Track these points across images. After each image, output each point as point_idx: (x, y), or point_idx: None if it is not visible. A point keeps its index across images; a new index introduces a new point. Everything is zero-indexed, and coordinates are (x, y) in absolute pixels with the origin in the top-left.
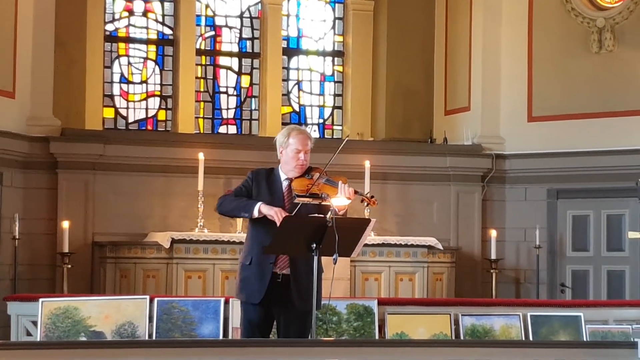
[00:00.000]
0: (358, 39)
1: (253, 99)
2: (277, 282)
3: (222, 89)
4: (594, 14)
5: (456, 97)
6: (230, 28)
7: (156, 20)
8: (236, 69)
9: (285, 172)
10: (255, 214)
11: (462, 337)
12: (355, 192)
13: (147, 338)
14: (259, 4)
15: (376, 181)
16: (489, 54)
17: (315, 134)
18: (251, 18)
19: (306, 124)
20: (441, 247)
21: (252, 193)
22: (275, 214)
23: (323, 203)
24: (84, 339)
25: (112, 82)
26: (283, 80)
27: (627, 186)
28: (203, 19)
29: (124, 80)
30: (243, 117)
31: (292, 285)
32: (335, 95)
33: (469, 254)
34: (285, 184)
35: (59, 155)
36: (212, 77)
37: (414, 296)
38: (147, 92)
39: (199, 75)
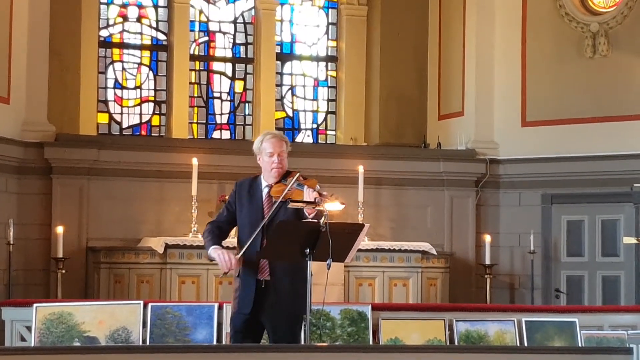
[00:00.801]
0: (351, 44)
1: (247, 104)
2: (261, 289)
3: (216, 94)
4: (588, 18)
5: (450, 102)
6: (224, 33)
7: (150, 26)
8: (230, 74)
9: (266, 178)
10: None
11: (456, 343)
12: (320, 195)
13: (140, 343)
14: (253, 10)
15: (370, 186)
16: (483, 59)
17: (308, 139)
18: (245, 23)
19: (300, 129)
20: (435, 253)
21: (234, 209)
22: (218, 258)
23: (317, 208)
24: (78, 344)
25: (106, 88)
26: (277, 85)
27: (622, 191)
28: (197, 24)
29: (118, 85)
30: (237, 122)
31: (272, 291)
32: (328, 100)
33: (463, 259)
34: (265, 191)
35: (54, 161)
36: (205, 83)
37: (408, 301)
38: (141, 97)
39: (193, 81)
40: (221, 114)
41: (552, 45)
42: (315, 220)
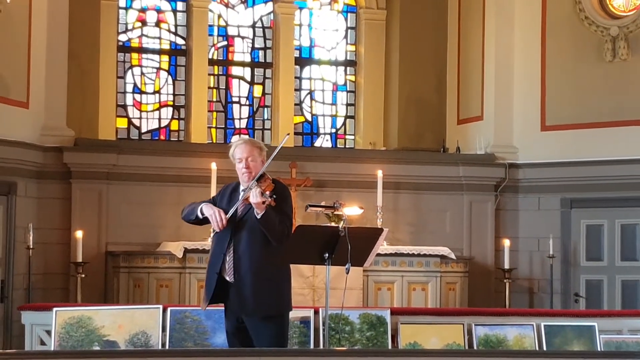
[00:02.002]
0: (370, 49)
1: (265, 109)
2: (231, 290)
3: (235, 99)
4: (608, 22)
5: (469, 106)
6: (243, 38)
7: (169, 31)
8: (249, 78)
9: (242, 183)
10: (199, 214)
11: (475, 347)
12: (262, 195)
13: (160, 347)
14: (272, 14)
15: (389, 191)
16: (502, 63)
17: (327, 143)
18: (263, 28)
19: (318, 134)
20: (454, 257)
21: (216, 204)
22: (213, 214)
23: (335, 213)
24: (97, 348)
25: (125, 92)
26: (295, 89)
27: None
28: (215, 29)
29: (136, 90)
30: (255, 127)
31: (236, 293)
32: (347, 104)
33: (482, 264)
34: (242, 194)
35: (73, 165)
36: (224, 87)
37: (426, 306)
38: (160, 102)
39: (212, 85)
40: (240, 119)
41: (572, 49)
42: (335, 225)
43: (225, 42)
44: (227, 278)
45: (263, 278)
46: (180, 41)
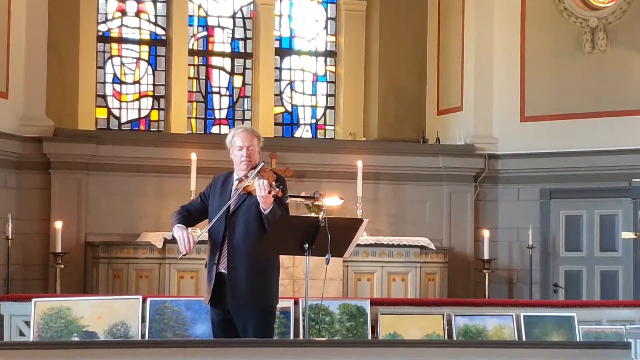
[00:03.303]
0: (350, 39)
1: (245, 99)
2: (224, 282)
3: (215, 89)
4: (587, 13)
5: (449, 97)
6: (223, 28)
7: (149, 21)
8: (229, 69)
9: (237, 172)
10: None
11: (454, 338)
12: (270, 186)
13: (139, 338)
14: (252, 4)
15: (369, 181)
16: (482, 54)
17: (307, 134)
18: (243, 18)
19: (298, 124)
20: (434, 247)
21: (207, 201)
22: (179, 238)
23: (315, 203)
24: (76, 339)
25: (104, 83)
26: (275, 80)
27: (621, 186)
28: (195, 19)
29: (116, 80)
30: (236, 118)
31: (229, 284)
32: (327, 95)
33: (462, 254)
34: (235, 184)
35: (52, 156)
36: (204, 78)
37: (406, 296)
38: (139, 92)
39: (192, 76)
40: (220, 109)
41: (551, 40)
42: (315, 215)
43: (205, 33)
44: (221, 269)
45: (258, 269)
46: (160, 31)
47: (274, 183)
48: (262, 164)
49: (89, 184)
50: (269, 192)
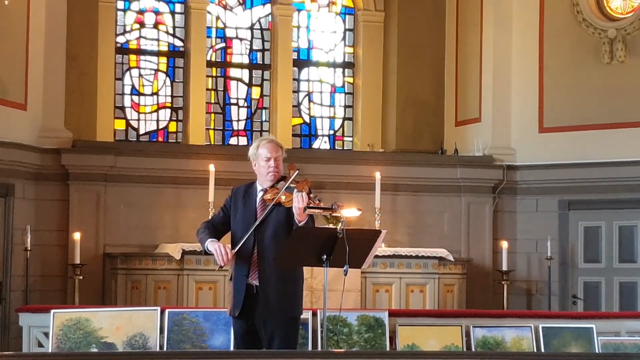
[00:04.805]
0: (368, 51)
1: (263, 111)
2: (252, 294)
3: (233, 101)
4: (605, 24)
5: (467, 108)
6: (241, 40)
7: (167, 32)
8: (247, 80)
9: (261, 183)
10: (205, 250)
11: (473, 349)
12: (309, 198)
13: (158, 349)
14: (270, 16)
15: (387, 192)
16: (500, 65)
17: (325, 145)
18: (262, 30)
19: (316, 136)
20: (452, 259)
21: (229, 212)
22: (216, 251)
23: (333, 215)
24: (95, 350)
25: (123, 94)
26: (293, 91)
27: (639, 197)
28: (214, 30)
29: (135, 92)
30: (254, 129)
31: (262, 295)
32: (345, 106)
33: (480, 266)
34: (260, 195)
35: (71, 167)
36: (222, 89)
37: (425, 308)
38: (158, 103)
39: (210, 87)
40: (238, 120)
41: (570, 51)
42: (332, 227)
43: (223, 44)
44: (251, 280)
45: (287, 280)
46: (178, 43)
47: (311, 195)
48: (295, 173)
49: (107, 195)
50: (307, 204)
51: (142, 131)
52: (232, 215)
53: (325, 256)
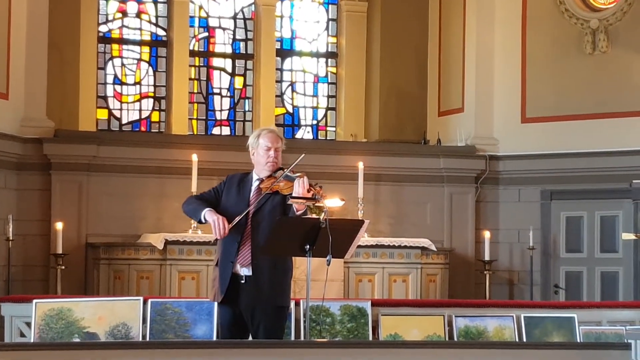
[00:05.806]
0: (351, 41)
1: (247, 100)
2: (240, 282)
3: (216, 91)
4: (588, 15)
5: (450, 99)
6: (224, 29)
7: (150, 22)
8: (230, 70)
9: (258, 172)
10: (201, 219)
11: (455, 339)
12: (310, 185)
13: (140, 339)
14: (253, 5)
15: (369, 182)
16: (483, 55)
17: (308, 135)
18: (245, 19)
19: (299, 126)
20: (434, 249)
21: (220, 197)
22: (214, 222)
23: (317, 205)
24: (77, 340)
25: (105, 84)
26: (277, 81)
27: (621, 187)
28: (196, 20)
29: (117, 81)
30: (237, 119)
31: (253, 283)
32: (328, 96)
33: (463, 256)
34: (255, 184)
35: (53, 157)
36: (205, 79)
37: (407, 297)
38: (140, 93)
39: (193, 77)
40: (221, 110)
41: (552, 41)
42: (315, 217)
43: (206, 34)
44: (239, 267)
45: (280, 269)
46: (161, 32)
47: (314, 184)
48: (301, 158)
49: (89, 185)
50: (308, 191)
51: (124, 121)
52: (224, 199)
53: (308, 246)
